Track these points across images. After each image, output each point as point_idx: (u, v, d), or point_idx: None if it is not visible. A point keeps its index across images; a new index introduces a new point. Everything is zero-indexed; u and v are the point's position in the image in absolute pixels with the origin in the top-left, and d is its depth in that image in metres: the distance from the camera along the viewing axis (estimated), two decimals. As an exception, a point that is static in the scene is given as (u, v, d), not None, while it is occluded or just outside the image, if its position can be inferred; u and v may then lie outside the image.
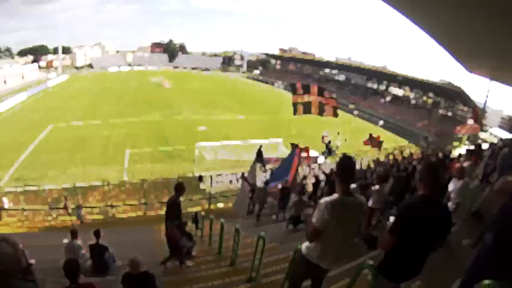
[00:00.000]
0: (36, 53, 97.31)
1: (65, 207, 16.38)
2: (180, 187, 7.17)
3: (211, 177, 19.57)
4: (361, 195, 9.77)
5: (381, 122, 52.10)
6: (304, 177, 18.00)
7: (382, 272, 3.55)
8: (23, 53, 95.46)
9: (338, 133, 33.75)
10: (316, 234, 3.56)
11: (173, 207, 7.10)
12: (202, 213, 14.43)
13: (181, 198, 7.33)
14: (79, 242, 7.94)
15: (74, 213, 16.21)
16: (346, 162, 3.59)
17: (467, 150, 14.06)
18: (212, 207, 18.09)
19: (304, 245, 3.87)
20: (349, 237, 3.70)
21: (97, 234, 7.89)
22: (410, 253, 3.37)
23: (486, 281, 2.17)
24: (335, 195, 3.49)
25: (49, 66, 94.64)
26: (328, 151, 26.26)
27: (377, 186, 9.22)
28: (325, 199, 3.50)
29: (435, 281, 5.50)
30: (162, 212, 17.87)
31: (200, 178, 19.90)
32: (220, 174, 20.51)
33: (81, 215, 15.84)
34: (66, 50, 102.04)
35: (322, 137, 34.73)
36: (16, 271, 2.52)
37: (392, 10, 12.56)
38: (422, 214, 3.20)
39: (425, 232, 3.23)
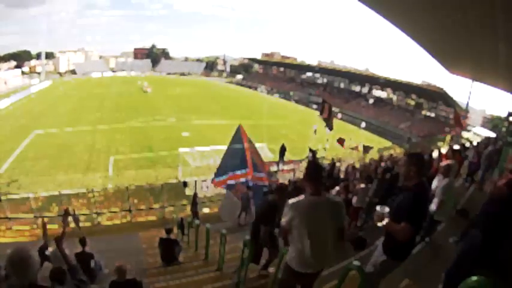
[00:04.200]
0: (19, 58, 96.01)
1: (67, 214, 15.93)
2: (280, 188, 6.07)
3: (195, 182, 19.48)
4: (345, 195, 9.82)
5: (363, 124, 52.53)
6: (289, 181, 17.97)
7: (393, 256, 3.96)
8: (5, 59, 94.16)
9: (315, 130, 34.36)
10: (284, 233, 3.77)
11: (269, 209, 5.92)
12: (188, 219, 14.35)
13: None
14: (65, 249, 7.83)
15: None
16: (313, 164, 3.82)
17: (452, 150, 14.23)
18: (198, 212, 17.99)
19: (287, 254, 3.94)
20: (327, 238, 3.64)
21: (83, 242, 7.80)
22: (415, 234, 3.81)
23: (474, 277, 2.17)
24: (301, 196, 3.59)
25: (32, 71, 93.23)
26: (312, 155, 26.31)
27: (362, 185, 9.25)
28: (290, 200, 3.60)
29: (423, 279, 5.54)
30: (148, 218, 17.84)
31: (185, 184, 19.78)
32: (204, 180, 20.40)
33: (67, 222, 15.55)
34: (49, 56, 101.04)
35: (315, 131, 35.38)
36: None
37: (374, 13, 12.67)
38: (425, 199, 3.76)
39: (424, 213, 3.86)
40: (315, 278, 4.06)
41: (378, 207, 3.86)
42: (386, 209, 3.78)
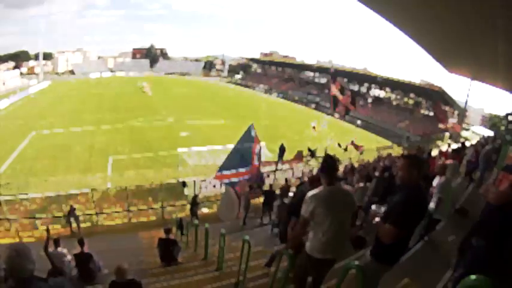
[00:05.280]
0: (18, 59, 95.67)
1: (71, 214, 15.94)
2: (314, 180, 5.70)
3: (194, 182, 19.48)
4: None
5: (359, 122, 52.87)
6: (286, 180, 17.85)
7: (377, 258, 3.83)
8: (4, 59, 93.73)
9: (313, 127, 34.81)
10: (304, 223, 3.95)
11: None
12: (187, 219, 14.36)
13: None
14: (63, 250, 7.84)
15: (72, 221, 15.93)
16: (328, 158, 4.04)
17: (452, 150, 14.27)
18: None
19: (307, 244, 4.13)
20: (345, 223, 3.99)
21: (81, 242, 7.80)
22: (406, 239, 3.70)
23: (473, 276, 2.16)
24: (320, 188, 3.93)
25: (31, 72, 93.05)
26: (311, 154, 26.36)
27: (361, 184, 9.27)
28: (310, 192, 3.90)
29: (423, 277, 5.55)
30: (147, 218, 17.84)
31: (184, 184, 19.75)
32: (204, 180, 20.39)
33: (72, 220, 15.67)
34: (48, 56, 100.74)
35: (313, 127, 35.65)
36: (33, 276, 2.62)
37: (373, 12, 12.67)
38: (419, 204, 3.53)
39: (418, 218, 3.61)
40: (331, 267, 4.33)
41: (373, 206, 3.94)
42: (382, 209, 3.82)
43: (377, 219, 3.72)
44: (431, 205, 6.89)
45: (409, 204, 3.50)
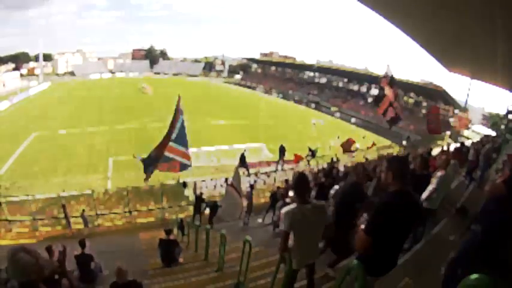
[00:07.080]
0: (18, 60, 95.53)
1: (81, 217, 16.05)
2: (356, 168, 6.06)
3: (195, 183, 19.46)
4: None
5: (353, 120, 53.22)
6: (286, 181, 17.81)
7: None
8: (4, 61, 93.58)
9: (314, 124, 35.13)
10: (285, 236, 4.12)
11: (353, 189, 6.04)
12: (188, 219, 14.35)
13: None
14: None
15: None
16: (299, 178, 4.24)
17: (454, 149, 14.25)
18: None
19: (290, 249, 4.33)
20: (315, 237, 4.37)
21: (82, 244, 7.80)
22: (389, 248, 3.52)
23: (474, 275, 2.16)
24: (293, 205, 4.10)
25: (30, 73, 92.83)
26: (312, 154, 26.32)
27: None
28: (284, 209, 4.11)
29: (422, 278, 5.53)
30: (148, 219, 17.81)
31: (184, 184, 19.73)
32: (204, 180, 20.41)
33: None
34: (48, 57, 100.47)
35: (314, 124, 35.82)
36: (40, 279, 2.56)
37: (373, 12, 12.66)
38: (397, 211, 3.31)
39: (401, 226, 3.43)
40: (312, 265, 4.66)
41: (365, 214, 3.94)
42: None
43: (362, 226, 3.66)
44: (424, 194, 6.89)
45: (380, 209, 3.41)
